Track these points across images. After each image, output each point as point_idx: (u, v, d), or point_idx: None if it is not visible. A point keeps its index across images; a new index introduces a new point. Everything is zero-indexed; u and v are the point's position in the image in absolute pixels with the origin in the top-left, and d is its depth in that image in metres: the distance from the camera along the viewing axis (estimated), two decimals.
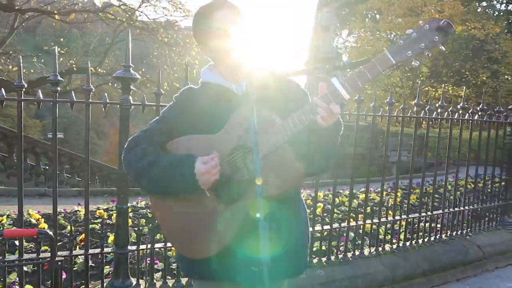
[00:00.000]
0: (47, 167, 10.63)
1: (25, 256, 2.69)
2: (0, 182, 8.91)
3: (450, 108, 4.83)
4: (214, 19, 1.66)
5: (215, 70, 1.79)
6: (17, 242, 3.27)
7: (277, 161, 1.55)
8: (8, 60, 17.51)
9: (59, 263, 2.22)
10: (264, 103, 1.59)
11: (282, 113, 1.56)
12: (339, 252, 3.97)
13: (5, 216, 4.66)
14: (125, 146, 1.70)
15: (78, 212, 5.10)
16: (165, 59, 17.70)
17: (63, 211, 5.06)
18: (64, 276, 3.02)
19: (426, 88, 26.89)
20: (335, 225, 4.00)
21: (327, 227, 3.93)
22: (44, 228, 4.08)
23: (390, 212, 4.70)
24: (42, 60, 19.32)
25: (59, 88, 2.74)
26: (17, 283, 2.87)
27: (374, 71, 1.43)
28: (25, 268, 3.27)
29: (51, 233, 2.25)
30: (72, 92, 2.88)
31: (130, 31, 2.99)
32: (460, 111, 4.80)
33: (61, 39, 18.46)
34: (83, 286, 2.97)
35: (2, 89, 2.60)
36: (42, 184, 10.15)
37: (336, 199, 6.11)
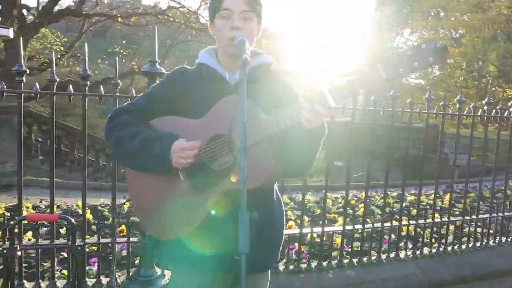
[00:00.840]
0: (106, 163, 11.14)
1: (56, 241, 2.81)
2: (62, 176, 9.43)
3: None
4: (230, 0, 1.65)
5: (213, 53, 1.78)
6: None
7: (254, 156, 1.52)
8: (76, 62, 18.50)
9: (79, 248, 2.31)
10: (253, 97, 1.57)
11: (269, 110, 1.55)
12: (374, 254, 3.85)
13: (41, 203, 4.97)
14: (109, 115, 1.74)
15: (124, 204, 5.29)
16: None
17: (109, 203, 5.27)
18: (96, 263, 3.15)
19: (494, 89, 25.43)
20: (368, 225, 3.89)
21: (368, 226, 3.84)
22: (88, 219, 4.29)
23: (437, 215, 4.51)
24: (106, 62, 20.31)
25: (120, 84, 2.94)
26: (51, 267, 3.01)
27: (364, 84, 1.42)
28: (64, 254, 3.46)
29: (71, 219, 2.35)
30: (133, 89, 3.02)
31: (156, 29, 3.06)
32: None
33: (124, 41, 19.29)
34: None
35: (70, 86, 2.86)
36: (101, 179, 10.66)
37: (383, 200, 5.96)
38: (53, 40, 19.50)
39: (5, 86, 2.70)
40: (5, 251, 2.21)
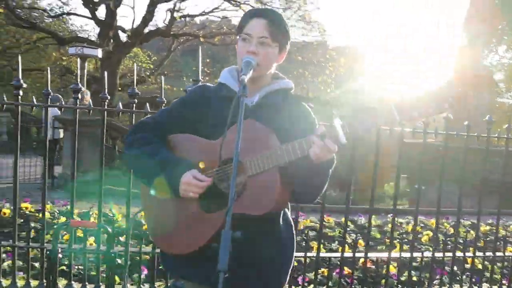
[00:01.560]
0: None
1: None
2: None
3: None
4: (249, 22, 1.68)
5: (235, 73, 1.79)
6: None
7: (262, 183, 1.55)
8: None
9: (113, 255, 2.40)
10: (268, 120, 1.60)
11: (285, 136, 1.56)
12: (431, 285, 3.58)
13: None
14: (131, 128, 1.83)
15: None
16: (304, 78, 18.04)
17: None
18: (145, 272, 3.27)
19: None
20: (427, 253, 3.63)
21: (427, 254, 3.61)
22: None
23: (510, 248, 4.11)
24: (191, 80, 21.12)
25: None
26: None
27: (375, 122, 1.42)
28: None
29: (108, 228, 2.45)
30: None
31: (201, 49, 3.14)
32: None
33: (207, 60, 20.04)
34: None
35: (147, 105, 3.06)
36: None
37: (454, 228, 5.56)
38: (144, 59, 20.82)
39: (91, 104, 2.96)
40: (47, 252, 2.37)
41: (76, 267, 3.24)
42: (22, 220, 4.55)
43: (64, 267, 3.16)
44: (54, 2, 38.32)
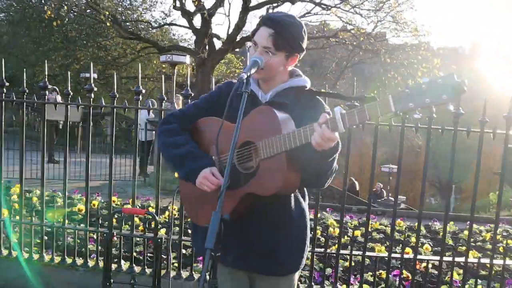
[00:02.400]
0: None
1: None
2: None
3: None
4: (258, 30, 1.80)
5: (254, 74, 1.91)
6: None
7: (270, 167, 1.67)
8: None
9: (159, 241, 2.61)
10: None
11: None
12: None
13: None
14: (163, 119, 2.02)
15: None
16: (396, 80, 17.40)
17: None
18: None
19: None
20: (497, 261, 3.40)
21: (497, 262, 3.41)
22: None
23: None
24: None
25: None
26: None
27: (373, 113, 1.41)
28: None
29: (155, 215, 2.67)
30: None
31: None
32: None
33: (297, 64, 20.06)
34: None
35: None
36: None
37: None
38: (238, 65, 21.49)
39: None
40: (105, 234, 2.64)
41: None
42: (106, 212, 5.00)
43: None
44: (158, 14, 41.08)
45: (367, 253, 3.39)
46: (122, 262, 3.29)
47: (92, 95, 3.33)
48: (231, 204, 1.73)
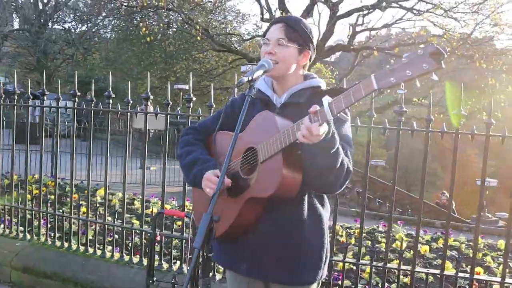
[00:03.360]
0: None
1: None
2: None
3: None
4: (269, 29, 1.84)
5: (267, 78, 1.93)
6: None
7: (270, 167, 1.65)
8: None
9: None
10: (297, 117, 1.65)
11: None
12: None
13: None
14: (183, 131, 2.10)
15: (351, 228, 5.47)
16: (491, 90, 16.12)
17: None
18: None
19: None
20: None
21: None
22: None
23: None
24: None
25: (403, 118, 3.09)
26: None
27: (357, 95, 1.39)
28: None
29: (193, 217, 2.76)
30: (413, 121, 3.17)
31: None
32: None
33: None
34: None
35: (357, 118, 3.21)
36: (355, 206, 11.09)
37: None
38: (328, 74, 21.34)
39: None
40: (149, 234, 2.79)
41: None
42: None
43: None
44: (251, 26, 42.28)
45: (430, 270, 3.18)
46: (163, 261, 3.49)
47: (191, 105, 3.42)
48: (235, 212, 1.74)
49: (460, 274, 3.14)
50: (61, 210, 3.96)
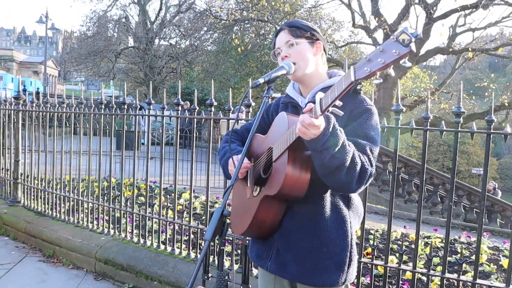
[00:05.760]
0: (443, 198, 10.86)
1: None
2: (397, 206, 9.88)
3: None
4: (276, 41, 1.93)
5: (295, 83, 2.01)
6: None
7: (279, 166, 1.70)
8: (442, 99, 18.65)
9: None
10: None
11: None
12: None
13: None
14: (227, 132, 2.24)
15: (405, 235, 5.28)
16: None
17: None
18: None
19: None
20: None
21: None
22: None
23: None
24: (473, 97, 19.46)
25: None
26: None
27: (339, 88, 1.39)
28: None
29: None
30: (508, 125, 2.94)
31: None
32: None
33: (492, 75, 18.02)
34: None
35: (443, 122, 3.05)
36: (437, 213, 10.48)
37: None
38: (425, 79, 20.33)
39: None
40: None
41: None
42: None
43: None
44: (347, 33, 41.72)
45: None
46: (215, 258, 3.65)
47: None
48: (254, 210, 1.81)
49: None
50: (148, 211, 4.25)
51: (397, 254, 3.62)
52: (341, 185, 1.65)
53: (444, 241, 5.11)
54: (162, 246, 3.98)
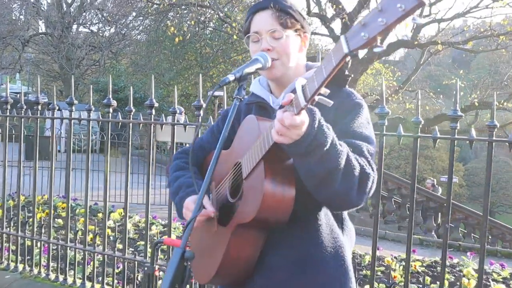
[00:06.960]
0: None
1: None
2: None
3: None
4: (253, 19, 1.71)
5: (262, 78, 1.83)
6: None
7: (253, 183, 1.51)
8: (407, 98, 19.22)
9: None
10: None
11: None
12: None
13: None
14: (174, 154, 2.02)
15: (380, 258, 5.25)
16: None
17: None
18: None
19: None
20: None
21: None
22: None
23: None
24: (441, 96, 20.21)
25: (458, 125, 2.85)
26: None
27: (329, 66, 1.19)
28: None
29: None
30: (472, 129, 2.88)
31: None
32: None
33: (460, 71, 18.81)
34: None
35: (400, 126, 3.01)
36: (405, 229, 10.67)
37: None
38: (388, 76, 20.82)
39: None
40: (145, 268, 2.71)
41: None
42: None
43: None
44: None
45: None
46: None
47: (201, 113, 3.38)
48: (221, 249, 1.59)
49: None
50: (70, 237, 3.91)
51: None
52: (338, 197, 1.45)
53: (423, 264, 5.17)
54: (88, 284, 3.66)
